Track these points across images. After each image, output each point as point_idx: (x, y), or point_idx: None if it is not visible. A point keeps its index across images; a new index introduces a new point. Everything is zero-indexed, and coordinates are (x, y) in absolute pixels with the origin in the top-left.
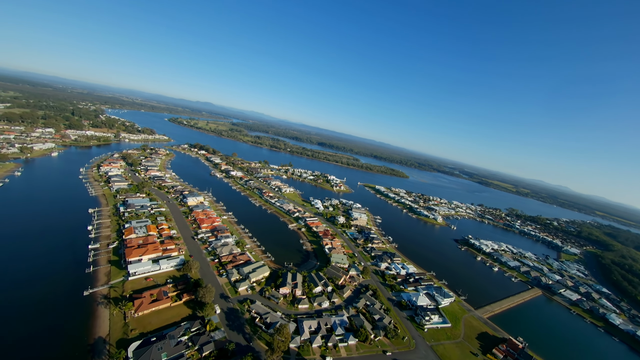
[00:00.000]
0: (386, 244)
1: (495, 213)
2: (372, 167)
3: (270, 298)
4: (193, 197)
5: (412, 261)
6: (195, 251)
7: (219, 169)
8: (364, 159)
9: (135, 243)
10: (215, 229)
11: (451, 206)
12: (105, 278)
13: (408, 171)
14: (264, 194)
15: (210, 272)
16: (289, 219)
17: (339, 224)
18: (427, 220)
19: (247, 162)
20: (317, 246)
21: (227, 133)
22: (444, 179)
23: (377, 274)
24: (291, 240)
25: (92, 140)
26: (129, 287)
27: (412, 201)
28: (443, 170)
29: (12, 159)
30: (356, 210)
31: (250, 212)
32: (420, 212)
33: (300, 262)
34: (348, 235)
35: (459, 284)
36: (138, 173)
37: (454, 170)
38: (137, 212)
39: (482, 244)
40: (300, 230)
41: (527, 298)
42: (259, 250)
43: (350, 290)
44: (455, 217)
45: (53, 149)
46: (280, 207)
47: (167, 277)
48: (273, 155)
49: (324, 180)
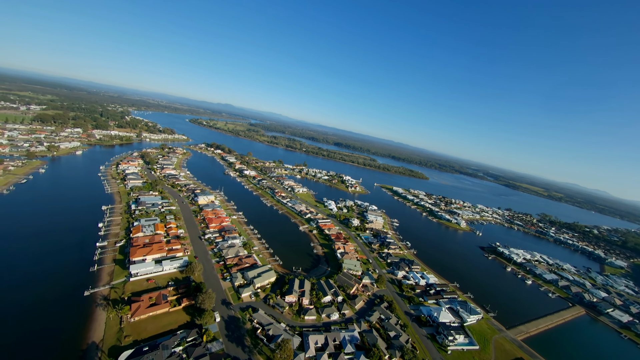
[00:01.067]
0: (404, 249)
1: (526, 219)
2: (390, 168)
3: (274, 307)
4: (204, 196)
5: (432, 270)
6: (200, 252)
7: (233, 168)
8: (382, 159)
9: (142, 242)
10: (223, 229)
11: (475, 210)
12: (107, 278)
13: (428, 172)
14: (276, 194)
15: (214, 275)
16: (300, 220)
17: (352, 227)
18: (449, 224)
19: (262, 161)
20: (329, 250)
21: (244, 133)
22: (467, 181)
23: (393, 283)
24: (301, 243)
25: (115, 139)
26: (129, 288)
27: (433, 204)
28: (466, 172)
29: (39, 157)
30: (372, 213)
31: (260, 212)
32: (441, 216)
33: (309, 267)
34: (362, 239)
35: (486, 299)
36: (154, 171)
37: (478, 172)
38: (147, 210)
39: (512, 252)
40: (311, 233)
41: (568, 318)
42: (267, 252)
43: (363, 301)
44: (481, 222)
45: (78, 148)
46: (292, 207)
47: (169, 278)
48: (288, 155)
49: (339, 180)
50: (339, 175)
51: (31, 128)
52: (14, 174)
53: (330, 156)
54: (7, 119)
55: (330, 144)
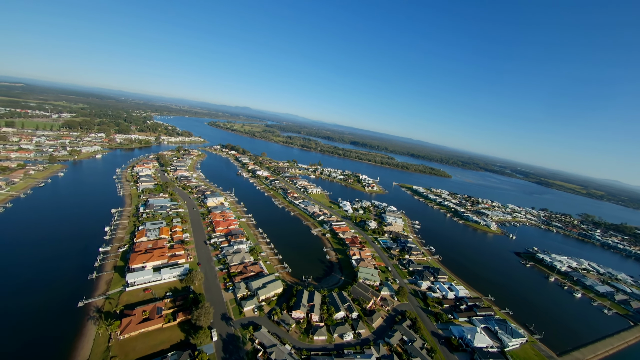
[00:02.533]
0: (427, 255)
1: (565, 219)
2: (409, 166)
3: (279, 323)
4: (213, 198)
5: (462, 280)
6: (204, 258)
7: (246, 169)
8: (400, 157)
9: (144, 247)
10: (230, 233)
11: (506, 210)
12: (105, 287)
13: (450, 170)
14: (288, 195)
15: (216, 285)
16: (312, 223)
17: (369, 230)
18: (477, 226)
19: (275, 161)
20: (343, 256)
21: (260, 134)
22: (494, 179)
23: (416, 295)
24: (313, 248)
25: (134, 143)
26: (124, 299)
27: (458, 204)
28: (491, 169)
29: (61, 161)
30: (390, 214)
31: (271, 214)
32: (468, 217)
33: (320, 276)
34: (380, 243)
35: (529, 316)
36: (167, 173)
37: (505, 168)
38: (154, 213)
39: (554, 259)
40: (324, 236)
41: (632, 341)
42: (275, 259)
43: (381, 318)
44: (513, 223)
45: (98, 152)
46: (305, 209)
47: (167, 288)
48: (303, 154)
49: (355, 180)
50: (355, 175)
51: (58, 134)
52: (34, 178)
53: (346, 155)
54: (37, 126)
55: (347, 142)
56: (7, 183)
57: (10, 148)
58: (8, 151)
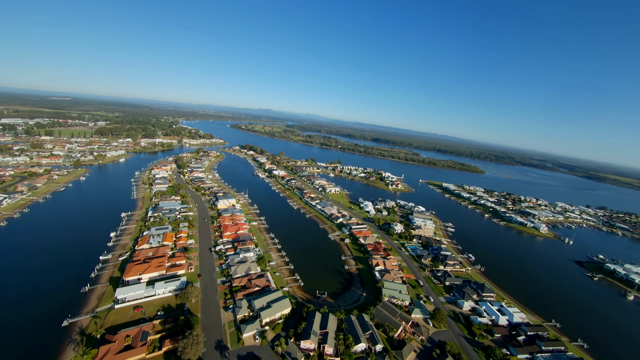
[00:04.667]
0: (466, 266)
1: (631, 220)
2: (436, 162)
3: (284, 357)
4: (224, 200)
5: (513, 299)
6: (206, 268)
7: (263, 169)
8: (425, 153)
9: (143, 256)
10: (238, 238)
11: (556, 209)
12: (95, 302)
13: (482, 165)
14: (304, 195)
15: (215, 302)
16: (330, 226)
17: (395, 234)
18: (523, 229)
19: (293, 160)
20: (364, 266)
21: (280, 134)
22: (534, 174)
23: (457, 319)
24: (329, 256)
25: (157, 146)
26: (110, 319)
27: (496, 202)
28: (530, 163)
29: (87, 166)
30: (419, 215)
31: (285, 217)
32: (510, 218)
33: (337, 292)
34: (408, 250)
35: (611, 351)
36: (183, 175)
37: (545, 162)
38: (162, 217)
39: (629, 271)
40: (343, 242)
41: None
42: (286, 269)
43: (414, 352)
44: (567, 225)
45: (122, 156)
46: (321, 210)
47: (160, 305)
48: (323, 153)
49: (378, 177)
50: (378, 172)
51: (90, 141)
52: (56, 183)
53: (368, 152)
54: (72, 134)
55: (368, 140)
56: (30, 188)
57: (43, 155)
58: (40, 157)
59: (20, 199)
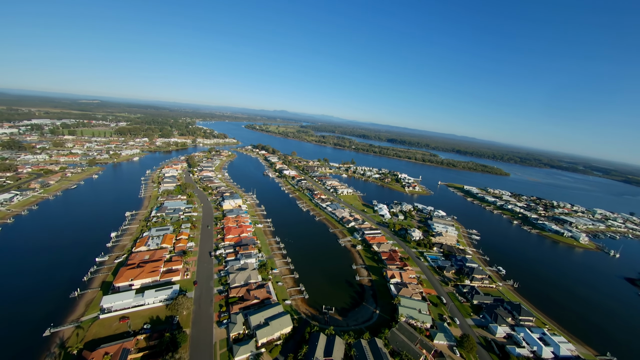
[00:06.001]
0: (496, 281)
1: None
2: (456, 163)
3: None
4: (230, 200)
5: (556, 323)
6: (204, 275)
7: (273, 169)
8: (444, 154)
9: (139, 259)
10: (241, 242)
11: (595, 217)
12: (82, 309)
13: (506, 167)
14: (314, 196)
15: (209, 316)
16: (340, 230)
17: (413, 241)
18: (559, 238)
19: (305, 160)
20: (378, 277)
21: (293, 134)
22: (565, 177)
23: (489, 349)
24: (339, 264)
25: (171, 145)
26: (93, 331)
27: (525, 208)
28: (559, 166)
29: (102, 164)
30: (439, 221)
31: (293, 219)
32: (544, 226)
33: (347, 307)
34: (428, 260)
35: None
36: (192, 174)
37: (576, 164)
38: (165, 217)
39: None
40: (354, 249)
41: None
42: (290, 278)
43: None
44: (610, 235)
45: (136, 155)
46: (332, 213)
47: (149, 317)
48: (336, 153)
49: (393, 179)
50: (393, 173)
51: (109, 140)
52: (69, 180)
53: (383, 153)
54: (93, 134)
55: (383, 140)
56: (42, 185)
57: (63, 153)
58: (59, 156)
59: (32, 196)
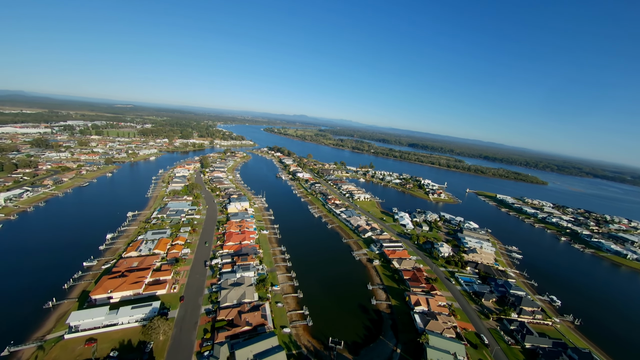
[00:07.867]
0: (551, 315)
1: None
2: (485, 170)
3: None
4: (236, 203)
5: None
6: (193, 289)
7: (287, 171)
8: (470, 160)
9: (125, 267)
10: (241, 250)
11: None
12: (51, 325)
13: (542, 176)
14: (328, 201)
15: (189, 343)
16: (355, 241)
17: (441, 258)
18: (620, 261)
19: (321, 163)
20: (399, 302)
21: (311, 137)
22: (613, 188)
23: None
24: (352, 283)
25: (189, 146)
26: (53, 355)
27: (573, 222)
28: (603, 175)
29: (119, 162)
30: (470, 234)
31: (302, 226)
32: (600, 245)
33: (359, 341)
34: (461, 283)
35: None
36: (204, 174)
37: (623, 174)
38: (165, 218)
39: None
40: (371, 264)
41: None
42: (293, 298)
43: None
44: None
45: (152, 154)
46: (346, 220)
47: (119, 340)
48: (355, 157)
49: (415, 185)
50: (415, 179)
51: (131, 140)
52: (83, 178)
53: (404, 157)
54: (117, 134)
55: (404, 145)
56: (55, 182)
57: (84, 151)
58: (81, 154)
59: (42, 192)
